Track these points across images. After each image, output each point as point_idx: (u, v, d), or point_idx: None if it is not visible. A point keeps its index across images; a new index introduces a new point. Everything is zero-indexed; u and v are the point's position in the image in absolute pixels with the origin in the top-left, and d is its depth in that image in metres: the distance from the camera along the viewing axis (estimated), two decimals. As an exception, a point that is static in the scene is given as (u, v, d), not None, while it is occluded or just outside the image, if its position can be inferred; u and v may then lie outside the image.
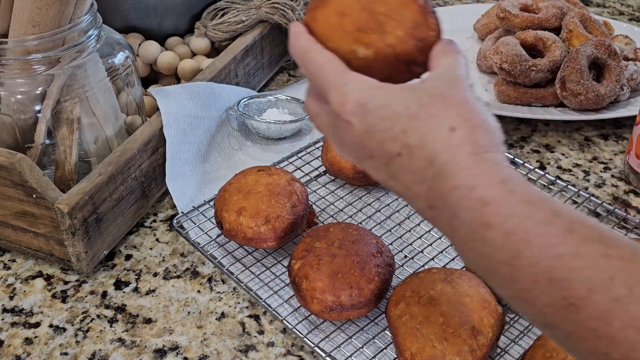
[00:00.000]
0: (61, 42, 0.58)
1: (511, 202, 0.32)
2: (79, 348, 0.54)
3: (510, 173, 0.34)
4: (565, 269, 0.30)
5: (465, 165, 0.34)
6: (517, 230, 0.32)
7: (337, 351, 0.52)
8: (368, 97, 0.37)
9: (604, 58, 0.80)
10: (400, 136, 0.35)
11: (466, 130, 0.34)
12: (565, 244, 0.30)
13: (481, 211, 0.33)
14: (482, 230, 0.33)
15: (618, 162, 0.76)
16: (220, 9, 0.86)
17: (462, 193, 0.33)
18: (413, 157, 0.35)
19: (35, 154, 0.61)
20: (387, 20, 0.40)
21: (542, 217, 0.31)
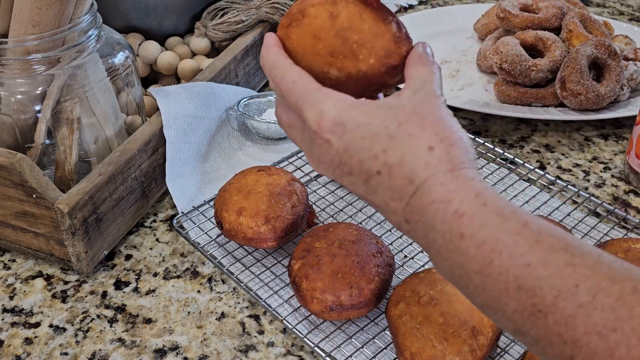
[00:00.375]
0: (61, 42, 0.58)
1: (484, 214, 0.34)
2: (79, 348, 0.54)
3: (484, 187, 0.36)
4: (533, 277, 0.32)
5: (442, 181, 0.35)
6: (489, 240, 0.33)
7: (337, 351, 0.52)
8: (346, 116, 0.38)
9: (604, 58, 0.80)
10: (380, 155, 0.37)
11: (443, 149, 0.36)
12: (533, 253, 0.32)
13: (456, 222, 0.34)
14: (456, 240, 0.34)
15: (618, 162, 0.76)
16: (220, 9, 0.86)
17: (439, 207, 0.35)
18: (392, 176, 0.37)
19: (35, 154, 0.61)
20: (360, 48, 0.40)
21: (512, 228, 0.33)
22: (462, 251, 0.34)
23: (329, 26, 0.40)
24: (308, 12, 0.41)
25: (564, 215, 0.65)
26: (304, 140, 0.41)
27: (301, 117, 0.40)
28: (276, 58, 0.41)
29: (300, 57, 0.42)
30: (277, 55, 0.41)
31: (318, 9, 0.41)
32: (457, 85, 0.89)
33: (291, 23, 0.41)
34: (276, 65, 0.41)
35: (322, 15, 0.40)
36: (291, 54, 0.42)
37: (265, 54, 0.42)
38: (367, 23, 0.40)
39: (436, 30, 1.02)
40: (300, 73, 0.40)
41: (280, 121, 0.43)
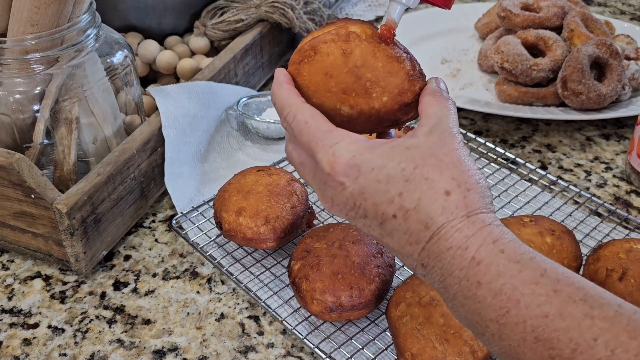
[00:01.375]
0: (60, 41, 0.58)
1: (501, 262, 0.34)
2: (78, 349, 0.53)
3: (501, 232, 0.35)
4: (550, 329, 0.31)
5: (459, 227, 0.35)
6: (506, 289, 0.33)
7: (337, 352, 0.51)
8: (360, 159, 0.37)
9: (605, 57, 0.79)
10: (396, 199, 0.36)
11: (460, 194, 0.36)
12: (552, 303, 0.32)
13: (473, 270, 0.34)
14: (473, 288, 0.34)
15: (619, 162, 0.76)
16: (220, 8, 0.86)
17: (456, 253, 0.35)
18: (408, 220, 0.36)
19: (33, 153, 0.60)
20: (373, 86, 0.40)
21: (530, 277, 0.33)
22: (478, 299, 0.34)
23: (342, 64, 0.40)
24: (320, 49, 0.40)
25: (566, 215, 0.65)
26: (315, 180, 0.40)
27: (313, 157, 0.39)
28: (288, 96, 0.40)
29: (311, 94, 0.41)
30: (289, 93, 0.41)
31: (330, 45, 0.40)
32: (458, 85, 0.89)
33: (303, 59, 0.41)
34: (288, 103, 0.40)
35: (335, 52, 0.40)
36: (302, 91, 0.42)
37: (276, 90, 0.41)
38: (380, 61, 0.40)
39: (437, 29, 1.02)
40: (312, 113, 0.39)
41: (291, 158, 0.42)
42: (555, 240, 0.54)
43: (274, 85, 0.42)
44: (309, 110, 0.40)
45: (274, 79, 0.42)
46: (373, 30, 0.41)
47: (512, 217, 0.57)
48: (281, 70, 0.42)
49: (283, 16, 0.85)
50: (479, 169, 0.38)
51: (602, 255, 0.53)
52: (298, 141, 0.40)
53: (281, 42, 0.92)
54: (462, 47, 0.99)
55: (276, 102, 0.41)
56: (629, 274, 0.51)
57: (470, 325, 0.36)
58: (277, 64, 0.92)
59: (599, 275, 0.52)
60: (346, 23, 0.41)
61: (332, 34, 0.40)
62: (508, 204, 0.67)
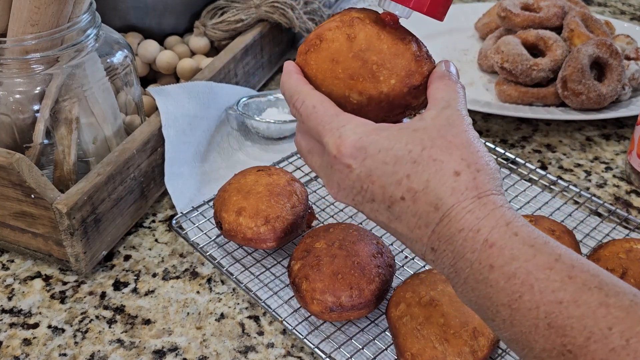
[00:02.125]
0: (60, 41, 0.58)
1: (515, 245, 0.33)
2: (78, 349, 0.53)
3: (513, 215, 0.35)
4: (564, 316, 0.31)
5: (470, 208, 0.34)
6: (519, 273, 0.32)
7: (337, 352, 0.51)
8: (367, 141, 0.37)
9: (605, 57, 0.79)
10: (404, 181, 0.36)
11: (470, 175, 0.35)
12: (566, 290, 0.31)
13: (486, 253, 0.33)
14: (485, 271, 0.33)
15: (620, 162, 0.76)
16: (220, 8, 0.86)
17: (468, 235, 0.34)
18: (417, 202, 0.36)
19: (33, 153, 0.60)
20: (380, 69, 0.39)
21: (544, 262, 0.32)
22: (491, 283, 0.33)
23: (347, 49, 0.40)
24: (325, 36, 0.40)
25: (566, 215, 0.65)
26: (322, 166, 0.40)
27: (321, 142, 0.39)
28: (296, 84, 0.40)
29: (320, 83, 0.41)
30: (297, 82, 0.41)
31: (335, 32, 0.40)
32: (458, 85, 0.89)
33: (309, 49, 0.41)
34: (297, 90, 0.40)
35: (340, 38, 0.40)
36: (311, 80, 0.41)
37: (285, 80, 0.41)
38: (385, 43, 0.39)
39: (437, 29, 1.02)
40: (320, 98, 0.39)
41: (299, 148, 0.42)
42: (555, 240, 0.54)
43: (283, 75, 0.42)
44: (317, 96, 0.40)
45: (283, 70, 0.42)
46: (377, 15, 0.41)
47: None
48: (289, 62, 0.42)
49: (283, 16, 0.85)
50: (488, 151, 0.37)
51: (602, 255, 0.53)
52: (306, 127, 0.40)
53: (281, 42, 0.91)
54: (462, 47, 0.99)
55: (285, 92, 0.41)
56: (629, 274, 0.51)
57: (481, 311, 0.35)
58: (277, 64, 0.92)
59: (599, 275, 0.52)
60: (350, 11, 0.41)
61: (337, 20, 0.41)
62: (508, 204, 0.67)
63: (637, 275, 0.50)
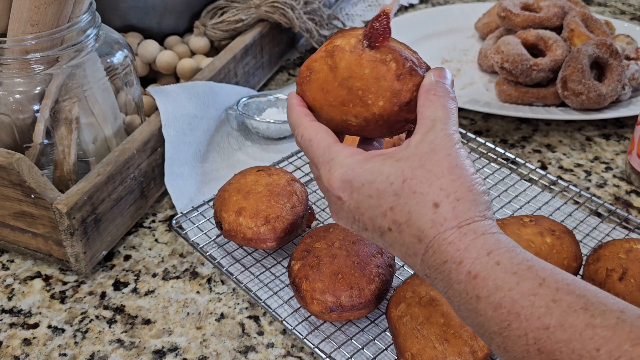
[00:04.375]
0: (60, 41, 0.58)
1: (497, 275, 0.34)
2: (78, 349, 0.53)
3: (496, 241, 0.35)
4: (552, 341, 0.31)
5: (451, 240, 0.35)
6: (505, 302, 0.33)
7: (337, 352, 0.51)
8: (352, 175, 0.38)
9: (605, 57, 0.79)
10: (389, 213, 0.37)
11: (449, 205, 0.36)
12: (552, 314, 0.32)
13: (471, 284, 0.34)
14: (473, 301, 0.34)
15: (620, 162, 0.76)
16: (220, 8, 0.86)
17: (452, 267, 0.35)
18: (403, 233, 0.37)
19: (33, 153, 0.60)
20: (366, 93, 0.40)
21: (528, 289, 0.33)
22: (480, 312, 0.34)
23: (332, 78, 0.41)
24: (313, 67, 0.42)
25: (566, 215, 0.65)
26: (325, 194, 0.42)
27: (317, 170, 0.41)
28: (297, 117, 0.42)
29: (319, 111, 0.43)
30: (298, 114, 0.42)
31: (320, 63, 0.41)
32: (458, 85, 0.89)
33: (303, 81, 0.42)
34: (297, 124, 0.42)
35: (324, 68, 0.41)
36: (312, 109, 0.43)
37: (288, 114, 0.43)
38: (366, 68, 0.40)
39: (437, 29, 1.02)
40: (316, 130, 0.41)
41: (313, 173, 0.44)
42: (555, 240, 0.54)
43: (287, 108, 0.44)
44: (314, 128, 0.41)
45: (287, 103, 0.44)
46: (357, 38, 0.41)
47: (512, 217, 0.57)
48: (291, 94, 0.44)
49: (283, 16, 0.85)
50: (475, 172, 0.37)
51: (602, 255, 0.53)
52: (308, 158, 0.42)
53: (281, 42, 0.91)
54: (462, 47, 0.99)
55: (290, 124, 0.43)
56: (629, 273, 0.51)
57: (479, 334, 0.36)
58: (277, 64, 0.92)
59: (599, 275, 0.52)
60: (336, 36, 0.42)
61: (322, 50, 0.42)
62: (508, 204, 0.67)
63: (637, 275, 0.50)
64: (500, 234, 0.36)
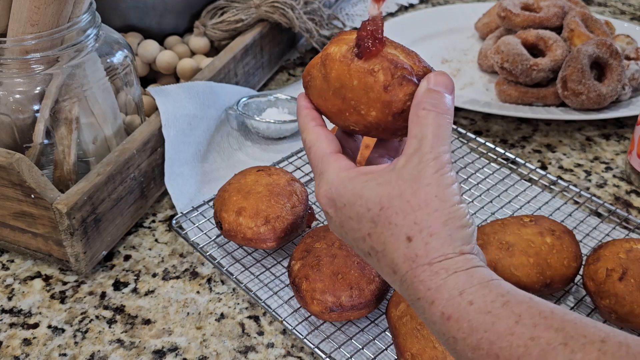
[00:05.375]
0: (60, 41, 0.58)
1: (472, 316, 0.33)
2: (78, 349, 0.53)
3: (469, 278, 0.34)
4: None
5: (422, 278, 0.35)
6: (482, 344, 0.32)
7: (337, 352, 0.51)
8: (335, 194, 0.38)
9: (605, 57, 0.79)
10: (367, 239, 0.37)
11: (422, 241, 0.35)
12: (530, 354, 0.31)
13: (445, 325, 0.34)
14: (451, 342, 0.34)
15: (620, 162, 0.76)
16: (220, 8, 0.85)
17: (425, 306, 0.34)
18: (380, 261, 0.37)
19: (33, 153, 0.60)
20: (358, 104, 0.39)
21: (504, 328, 0.32)
22: (460, 353, 0.33)
23: (327, 87, 0.40)
24: (311, 73, 0.41)
25: (566, 215, 0.65)
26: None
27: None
28: (303, 121, 0.42)
29: (325, 114, 0.43)
30: (304, 119, 0.42)
31: (315, 70, 0.41)
32: (458, 85, 0.89)
33: (306, 86, 0.42)
34: (302, 128, 0.42)
35: (319, 76, 0.40)
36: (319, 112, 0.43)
37: (297, 116, 0.43)
38: (355, 79, 0.38)
39: (437, 29, 1.02)
40: (318, 138, 0.41)
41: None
42: (555, 240, 0.54)
43: (296, 110, 0.44)
44: (315, 135, 0.41)
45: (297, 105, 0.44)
46: (349, 45, 0.39)
47: (512, 217, 0.57)
48: (301, 95, 0.44)
49: (283, 16, 0.85)
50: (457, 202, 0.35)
51: (602, 255, 0.53)
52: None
53: (281, 42, 0.91)
54: (462, 47, 0.99)
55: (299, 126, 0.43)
56: (629, 274, 0.51)
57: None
58: (277, 64, 0.92)
59: (599, 275, 0.52)
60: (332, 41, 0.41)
61: (318, 57, 0.41)
62: (508, 204, 0.67)
63: (637, 275, 0.50)
64: (474, 269, 0.34)
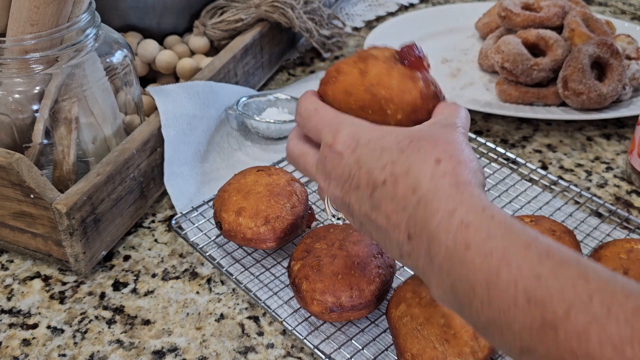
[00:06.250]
0: (59, 41, 0.58)
1: (491, 226, 0.33)
2: (77, 349, 0.53)
3: (491, 203, 0.35)
4: (543, 289, 0.30)
5: (447, 193, 0.35)
6: (496, 251, 0.32)
7: (337, 353, 0.51)
8: (361, 132, 0.40)
9: (606, 57, 0.79)
10: (388, 166, 0.37)
11: (450, 164, 0.36)
12: (544, 265, 0.31)
13: (462, 233, 0.33)
14: (461, 250, 0.33)
15: (620, 162, 0.76)
16: (219, 8, 0.85)
17: (443, 217, 0.34)
18: (397, 185, 0.37)
19: (33, 153, 0.60)
20: (388, 103, 0.42)
21: (522, 241, 0.32)
22: (467, 262, 0.33)
23: (360, 82, 0.42)
24: (342, 69, 0.44)
25: (566, 215, 0.65)
26: (315, 164, 0.42)
27: (318, 139, 0.42)
28: (307, 97, 0.44)
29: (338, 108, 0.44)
30: (309, 96, 0.44)
31: (351, 66, 0.43)
32: (458, 85, 0.89)
33: (328, 80, 0.44)
34: (305, 101, 0.44)
35: (354, 72, 0.43)
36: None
37: (300, 99, 0.45)
38: (395, 79, 0.42)
39: (437, 29, 1.02)
40: (324, 105, 0.43)
41: (291, 153, 0.45)
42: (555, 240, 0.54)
43: (300, 97, 0.45)
44: (321, 102, 0.43)
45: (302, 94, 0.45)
46: (392, 52, 0.43)
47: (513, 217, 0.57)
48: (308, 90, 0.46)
49: (283, 15, 0.85)
50: (477, 159, 0.39)
51: (602, 256, 0.53)
52: (306, 128, 0.43)
53: (281, 42, 0.91)
54: (462, 46, 0.99)
55: (297, 106, 0.44)
56: (630, 274, 0.50)
57: (456, 300, 0.34)
58: (277, 63, 0.92)
59: (599, 276, 0.52)
60: (370, 49, 0.44)
61: (355, 56, 0.44)
62: (508, 204, 0.67)
63: (638, 276, 0.50)
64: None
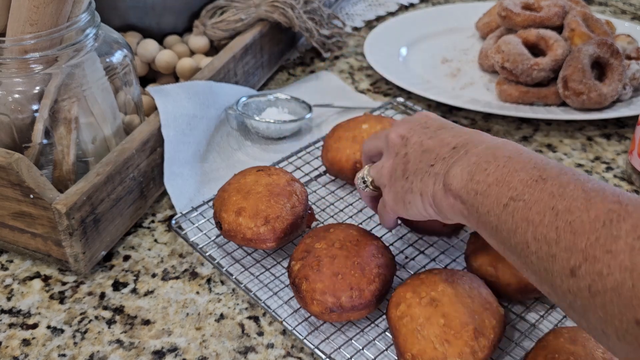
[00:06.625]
0: (59, 41, 0.58)
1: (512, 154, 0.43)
2: (77, 349, 0.53)
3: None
4: (544, 161, 0.42)
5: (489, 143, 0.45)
6: (514, 153, 0.44)
7: (337, 353, 0.51)
8: (434, 117, 0.52)
9: (606, 57, 0.79)
10: (452, 141, 0.47)
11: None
12: (549, 161, 0.42)
13: (491, 151, 0.44)
14: (490, 151, 0.44)
15: (620, 162, 0.76)
16: (219, 7, 0.85)
17: (479, 150, 0.45)
18: (458, 137, 0.48)
19: (32, 153, 0.60)
20: None
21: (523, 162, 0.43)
22: (496, 156, 0.43)
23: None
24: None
25: (566, 215, 0.65)
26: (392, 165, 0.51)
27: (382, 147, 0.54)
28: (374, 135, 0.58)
29: None
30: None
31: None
32: (459, 85, 0.88)
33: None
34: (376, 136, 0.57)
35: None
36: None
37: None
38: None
39: (437, 28, 1.02)
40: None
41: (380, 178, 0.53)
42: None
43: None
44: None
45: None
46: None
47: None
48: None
49: (283, 15, 0.85)
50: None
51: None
52: (367, 148, 0.57)
53: (281, 42, 0.91)
54: (462, 46, 0.99)
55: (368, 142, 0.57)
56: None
57: (494, 205, 0.41)
58: (277, 63, 0.92)
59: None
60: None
61: None
62: (509, 204, 0.66)
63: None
64: None
